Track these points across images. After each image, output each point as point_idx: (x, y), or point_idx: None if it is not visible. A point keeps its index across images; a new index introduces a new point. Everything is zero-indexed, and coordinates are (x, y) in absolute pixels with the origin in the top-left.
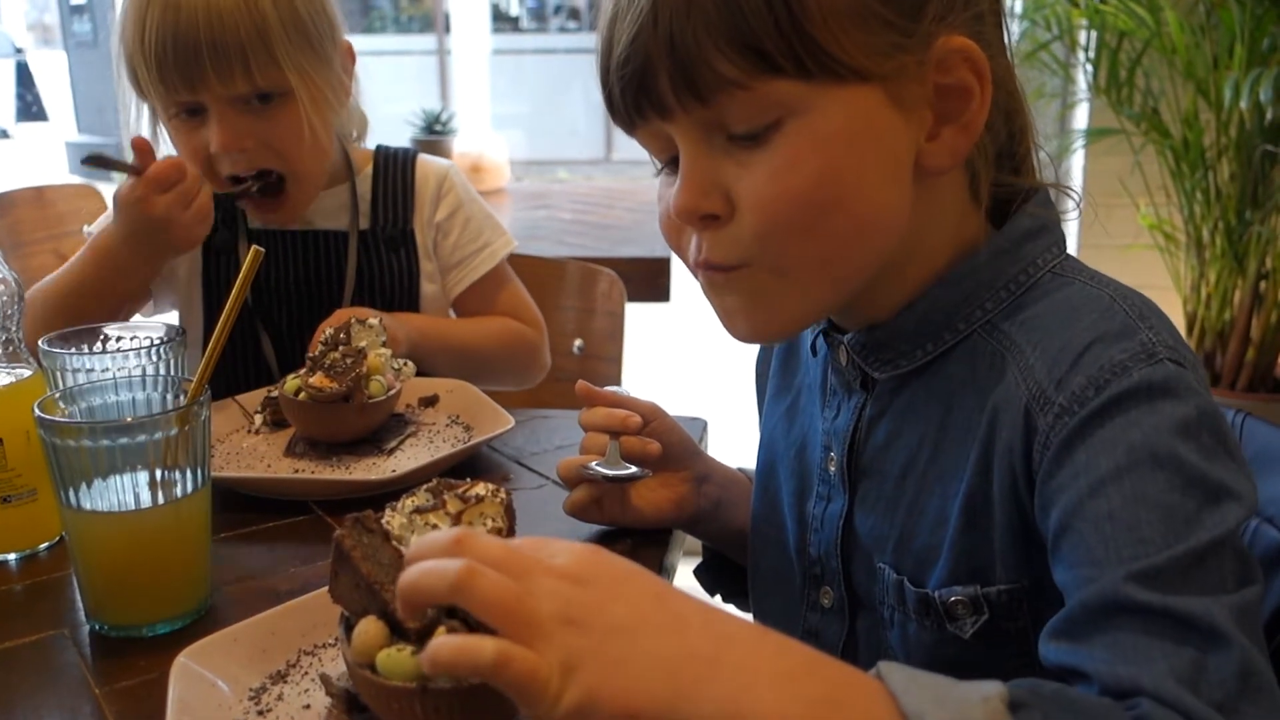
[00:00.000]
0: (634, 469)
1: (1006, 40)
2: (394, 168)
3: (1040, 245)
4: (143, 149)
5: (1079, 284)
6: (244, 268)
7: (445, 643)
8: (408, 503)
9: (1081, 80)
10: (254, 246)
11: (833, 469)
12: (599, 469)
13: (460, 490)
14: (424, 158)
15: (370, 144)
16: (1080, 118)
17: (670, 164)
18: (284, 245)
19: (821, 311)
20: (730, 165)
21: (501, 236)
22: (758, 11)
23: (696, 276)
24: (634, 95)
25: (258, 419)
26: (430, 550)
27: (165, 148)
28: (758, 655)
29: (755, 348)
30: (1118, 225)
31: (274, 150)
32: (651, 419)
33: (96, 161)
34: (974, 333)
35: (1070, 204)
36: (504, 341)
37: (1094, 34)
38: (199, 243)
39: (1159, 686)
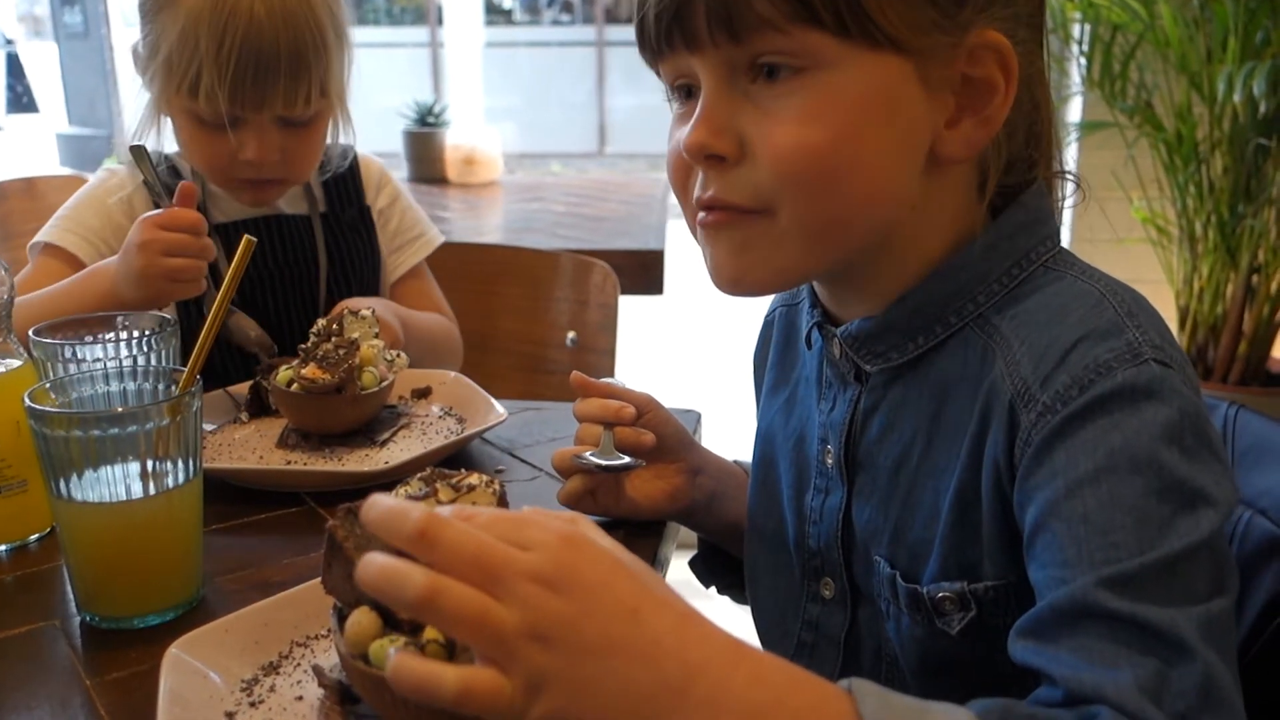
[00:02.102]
0: (628, 459)
1: (1045, 47)
2: (336, 155)
3: (1034, 238)
4: (187, 193)
5: (1070, 278)
6: (237, 257)
7: (405, 670)
8: (400, 492)
9: (1075, 73)
10: (246, 236)
11: (830, 462)
12: (593, 459)
13: (453, 479)
14: (359, 150)
15: (356, 136)
16: (1074, 111)
17: (684, 98)
18: (255, 233)
19: (808, 273)
20: (749, 108)
21: (432, 229)
22: None
23: (693, 220)
24: (668, 24)
25: (244, 415)
26: (394, 533)
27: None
28: (727, 687)
29: (750, 340)
30: (1110, 218)
31: (291, 162)
32: (646, 410)
33: (138, 153)
34: (966, 326)
35: (1069, 191)
36: (445, 335)
37: (1088, 27)
38: (157, 299)
39: (1122, 696)
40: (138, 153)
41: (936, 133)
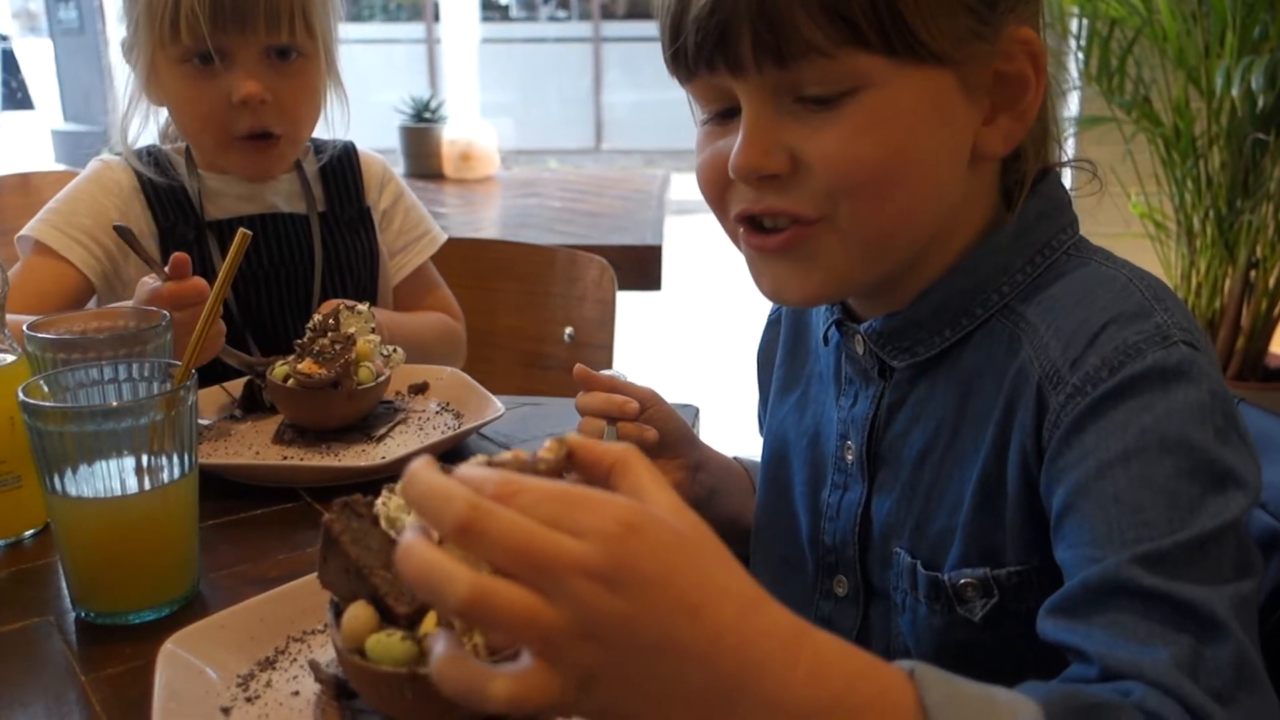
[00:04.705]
0: None
1: (1042, 37)
2: (336, 153)
3: (1055, 226)
4: (180, 264)
5: (1094, 264)
6: (232, 250)
7: (450, 673)
8: None
9: (1073, 68)
10: (241, 230)
11: (850, 457)
12: None
13: None
14: (361, 147)
15: (350, 111)
16: (1071, 106)
17: (719, 117)
18: (251, 230)
19: (870, 281)
20: (795, 125)
21: (435, 227)
22: None
23: (737, 231)
24: (710, 49)
25: (238, 411)
26: (435, 519)
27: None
28: (785, 686)
29: (749, 336)
30: (1108, 214)
31: (285, 109)
32: (649, 405)
33: (124, 234)
34: (991, 317)
35: (1070, 180)
36: (443, 337)
37: (1085, 21)
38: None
39: (1159, 673)
40: (123, 233)
41: (976, 131)
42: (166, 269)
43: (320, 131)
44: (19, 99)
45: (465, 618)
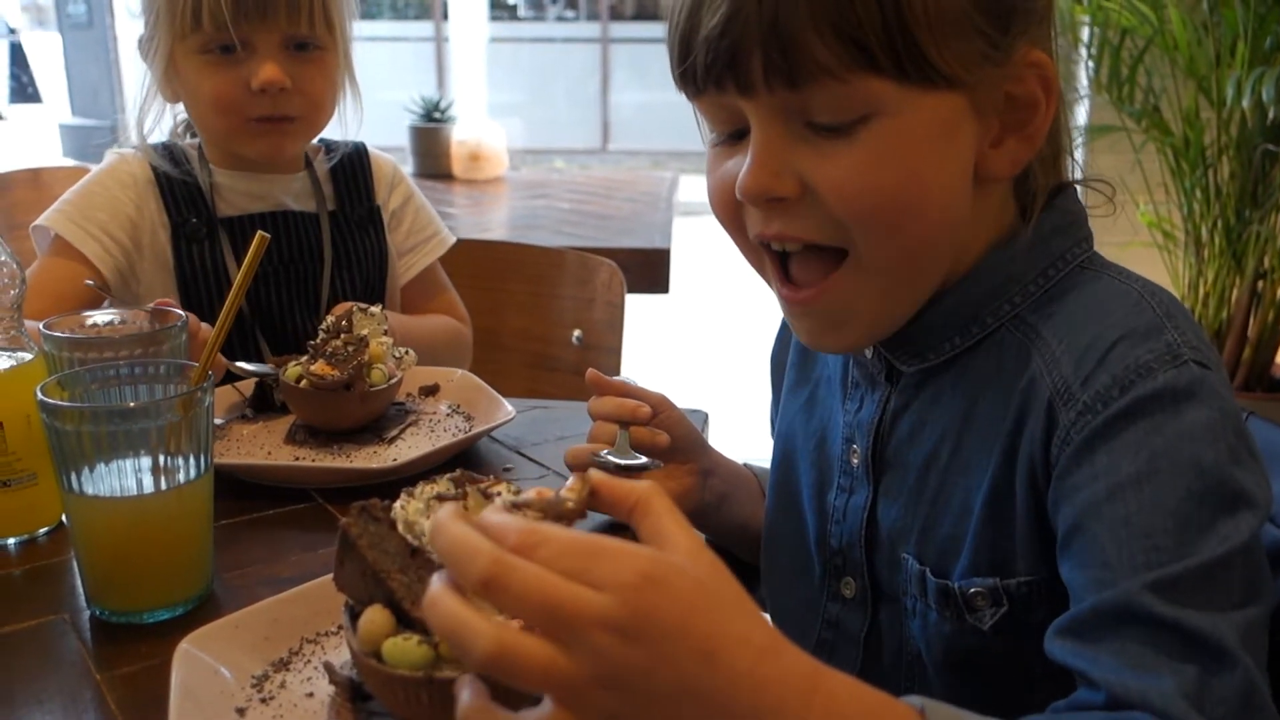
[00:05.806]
0: (644, 459)
1: (1054, 53)
2: (348, 153)
3: (1069, 240)
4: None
5: (1107, 279)
6: (250, 253)
7: (474, 714)
8: (426, 489)
9: (1083, 77)
10: (260, 232)
11: (855, 461)
12: (611, 459)
13: (483, 486)
14: (372, 148)
15: (363, 110)
16: (1081, 115)
17: (729, 138)
18: (262, 228)
19: (899, 318)
20: (805, 149)
21: (445, 229)
22: (867, 5)
23: (761, 258)
24: (720, 69)
25: (249, 410)
26: (460, 571)
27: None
28: None
29: (758, 340)
30: (1117, 222)
31: (304, 92)
32: (660, 410)
33: (101, 287)
34: (1001, 327)
35: (1097, 201)
36: (450, 341)
37: (1096, 30)
38: None
39: (1166, 703)
40: (101, 287)
41: (981, 152)
42: (149, 309)
43: (334, 130)
44: (27, 93)
45: (488, 671)
